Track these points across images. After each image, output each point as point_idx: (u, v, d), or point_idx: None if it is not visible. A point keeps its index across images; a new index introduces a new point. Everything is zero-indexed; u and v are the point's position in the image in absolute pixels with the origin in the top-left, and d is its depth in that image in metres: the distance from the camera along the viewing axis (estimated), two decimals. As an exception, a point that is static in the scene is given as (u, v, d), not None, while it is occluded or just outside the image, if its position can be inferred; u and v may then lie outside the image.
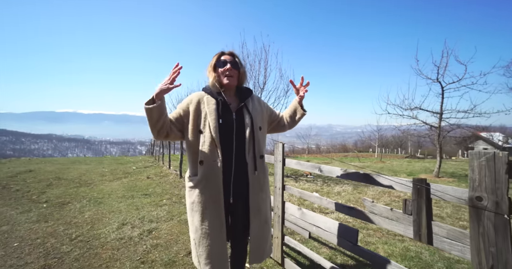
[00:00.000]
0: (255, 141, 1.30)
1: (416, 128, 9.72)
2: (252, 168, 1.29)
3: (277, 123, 1.56)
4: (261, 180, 1.35)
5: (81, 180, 6.45)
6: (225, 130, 1.25)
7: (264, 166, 1.39)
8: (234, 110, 1.31)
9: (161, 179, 6.51)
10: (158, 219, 3.31)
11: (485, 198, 0.95)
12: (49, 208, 3.79)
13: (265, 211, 1.39)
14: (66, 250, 2.39)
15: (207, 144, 1.22)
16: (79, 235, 2.74)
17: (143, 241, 2.61)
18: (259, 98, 1.52)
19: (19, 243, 2.51)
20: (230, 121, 1.27)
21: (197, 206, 1.26)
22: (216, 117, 1.24)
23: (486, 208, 0.94)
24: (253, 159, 1.30)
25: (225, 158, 1.24)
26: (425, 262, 2.28)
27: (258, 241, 1.35)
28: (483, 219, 0.94)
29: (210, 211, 1.24)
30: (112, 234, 2.79)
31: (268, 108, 1.54)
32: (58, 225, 3.05)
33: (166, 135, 1.25)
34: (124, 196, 4.65)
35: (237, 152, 1.27)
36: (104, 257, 2.27)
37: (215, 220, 1.24)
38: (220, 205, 1.25)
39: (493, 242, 0.91)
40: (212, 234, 1.24)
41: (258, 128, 1.34)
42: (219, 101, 1.28)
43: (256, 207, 1.32)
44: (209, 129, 1.22)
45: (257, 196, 1.33)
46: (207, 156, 1.22)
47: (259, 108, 1.42)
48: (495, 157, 0.93)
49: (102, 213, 3.55)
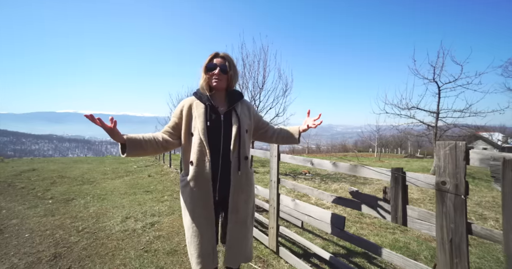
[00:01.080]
0: (240, 142, 1.34)
1: (414, 127, 9.87)
2: (236, 168, 1.32)
3: (264, 132, 1.59)
4: (243, 181, 1.36)
5: (84, 178, 6.59)
6: (213, 131, 1.30)
7: (247, 167, 1.41)
8: (222, 113, 1.36)
9: (162, 177, 6.65)
10: (160, 213, 3.46)
11: (448, 182, 1.09)
12: (55, 204, 3.93)
13: (245, 213, 1.39)
14: (74, 240, 2.53)
15: (196, 145, 1.28)
16: (85, 228, 2.88)
17: (146, 233, 2.75)
18: (250, 104, 1.56)
19: (30, 234, 2.66)
20: (218, 123, 1.33)
21: (188, 205, 1.30)
22: (204, 120, 1.29)
23: (448, 191, 1.08)
24: (237, 159, 1.33)
25: (213, 158, 1.29)
26: (412, 251, 2.42)
27: (232, 242, 1.35)
28: (446, 200, 1.09)
29: (199, 210, 1.28)
30: (116, 226, 2.93)
31: (257, 115, 1.57)
32: (65, 219, 3.19)
33: (165, 149, 1.36)
34: (127, 193, 4.79)
35: (223, 152, 1.31)
36: (110, 246, 2.41)
37: (205, 219, 1.28)
38: (209, 203, 1.29)
39: (452, 219, 1.05)
40: (201, 233, 1.27)
41: (245, 131, 1.38)
42: (207, 105, 1.34)
43: (235, 207, 1.34)
44: (198, 131, 1.28)
45: (237, 196, 1.34)
46: (196, 157, 1.27)
47: (247, 113, 1.47)
48: (456, 147, 1.07)
49: (106, 208, 3.69)
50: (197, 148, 1.28)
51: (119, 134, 1.17)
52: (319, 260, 2.16)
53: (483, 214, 3.82)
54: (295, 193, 4.83)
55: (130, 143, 1.21)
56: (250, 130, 1.47)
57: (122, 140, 1.19)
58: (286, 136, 1.58)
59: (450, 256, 1.07)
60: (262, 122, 1.59)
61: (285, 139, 1.59)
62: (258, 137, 1.61)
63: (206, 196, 1.28)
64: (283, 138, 1.58)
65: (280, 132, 1.59)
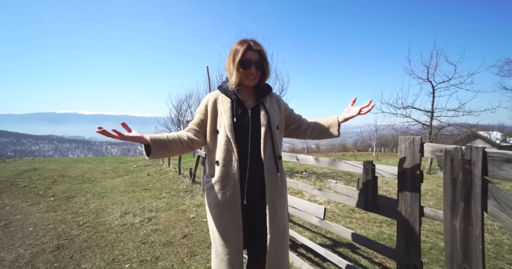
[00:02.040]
0: (273, 140, 1.22)
1: (409, 126, 10.02)
2: (273, 169, 1.21)
3: (296, 127, 1.44)
4: (279, 183, 1.24)
5: (84, 177, 6.73)
6: (240, 128, 1.19)
7: (283, 168, 1.28)
8: (249, 108, 1.24)
9: (161, 176, 6.80)
10: (157, 209, 3.60)
11: (407, 171, 1.23)
12: (56, 201, 4.08)
13: (283, 220, 1.25)
14: (76, 233, 2.68)
15: (222, 143, 1.18)
16: (86, 222, 3.03)
17: (144, 227, 2.90)
18: (279, 97, 1.42)
19: (34, 228, 2.81)
20: (245, 119, 1.21)
21: (213, 209, 1.20)
22: (231, 116, 1.18)
23: (407, 179, 1.23)
24: (273, 160, 1.22)
25: (241, 157, 1.18)
26: (395, 241, 2.57)
27: (275, 254, 1.18)
28: (405, 188, 1.23)
29: (226, 214, 1.17)
30: (115, 221, 3.08)
31: (287, 108, 1.42)
32: (66, 214, 3.34)
33: (191, 148, 1.25)
34: (126, 190, 4.94)
35: (252, 151, 1.19)
36: (109, 239, 2.56)
37: (232, 223, 1.16)
38: (237, 208, 1.17)
39: (409, 204, 1.20)
40: (229, 239, 1.16)
41: (276, 127, 1.25)
42: (233, 100, 1.23)
43: (274, 214, 1.19)
44: (224, 128, 1.18)
45: (275, 202, 1.21)
46: (223, 156, 1.17)
47: (277, 108, 1.34)
48: (414, 141, 1.22)
49: (106, 205, 3.84)
50: (223, 146, 1.18)
51: (139, 136, 1.08)
52: (305, 250, 2.31)
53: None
54: (290, 191, 4.97)
55: (155, 144, 1.11)
56: (281, 126, 1.34)
57: (146, 141, 1.10)
58: (322, 129, 1.40)
59: (406, 235, 1.22)
60: (293, 116, 1.44)
61: (322, 133, 1.41)
62: (289, 133, 1.47)
63: (233, 199, 1.16)
64: (319, 131, 1.41)
65: (315, 125, 1.42)
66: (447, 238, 1.02)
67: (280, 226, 1.21)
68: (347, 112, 1.35)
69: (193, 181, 5.55)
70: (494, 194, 0.91)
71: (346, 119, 1.34)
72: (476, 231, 0.93)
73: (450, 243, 1.01)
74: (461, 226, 0.97)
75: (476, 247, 0.93)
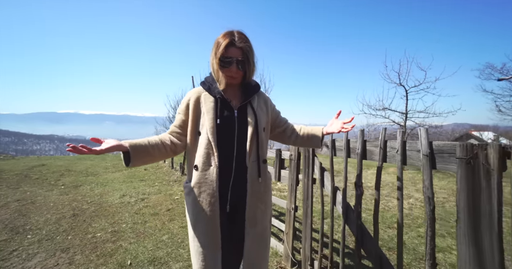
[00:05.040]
0: (258, 143, 1.14)
1: (387, 126, 10.85)
2: (255, 174, 1.13)
3: (281, 131, 1.35)
4: (261, 189, 1.17)
5: (88, 171, 7.58)
6: (224, 130, 1.10)
7: (266, 172, 1.22)
8: (236, 108, 1.15)
9: (156, 170, 7.65)
10: (149, 193, 4.45)
11: (293, 154, 2.06)
12: (67, 188, 4.92)
13: (263, 225, 1.19)
14: (86, 207, 3.53)
15: (202, 146, 1.09)
16: (93, 201, 3.88)
17: (137, 204, 3.74)
18: (267, 97, 1.33)
19: (54, 204, 3.66)
20: (231, 120, 1.12)
21: (191, 216, 1.13)
22: (214, 117, 1.09)
23: (291, 158, 2.06)
24: (256, 164, 1.14)
25: (224, 162, 1.09)
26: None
27: (252, 260, 1.12)
28: (292, 164, 2.06)
29: (202, 223, 1.09)
30: (115, 200, 3.92)
31: (275, 110, 1.34)
32: (77, 196, 4.19)
33: (175, 152, 1.16)
34: (125, 181, 5.78)
35: (238, 155, 1.11)
36: (111, 211, 3.40)
37: (209, 234, 1.08)
38: (214, 216, 1.08)
39: (293, 174, 2.03)
40: (205, 250, 1.08)
41: (262, 129, 1.17)
42: (218, 99, 1.13)
43: (253, 220, 1.14)
44: (206, 130, 1.09)
45: (255, 207, 1.14)
46: (201, 161, 1.09)
47: (265, 108, 1.25)
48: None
49: (108, 190, 4.68)
50: (203, 150, 1.09)
51: (115, 145, 0.95)
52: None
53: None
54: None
55: (135, 151, 1.01)
56: (267, 128, 1.26)
57: (124, 149, 0.99)
58: (307, 137, 1.33)
59: (292, 195, 2.06)
60: (280, 119, 1.36)
61: (306, 141, 1.34)
62: (274, 136, 1.37)
63: (211, 207, 1.08)
64: (303, 139, 1.34)
65: (300, 132, 1.35)
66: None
67: (258, 231, 1.15)
68: (330, 125, 1.29)
69: (182, 173, 6.40)
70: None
71: (328, 133, 1.29)
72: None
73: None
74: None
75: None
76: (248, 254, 1.11)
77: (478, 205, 0.83)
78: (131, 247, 2.32)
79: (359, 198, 1.40)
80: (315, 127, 1.35)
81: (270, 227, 1.25)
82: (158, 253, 2.22)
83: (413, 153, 1.11)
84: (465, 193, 0.87)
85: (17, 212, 3.27)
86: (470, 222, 0.86)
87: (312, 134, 1.32)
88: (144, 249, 2.28)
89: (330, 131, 1.25)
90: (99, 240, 2.49)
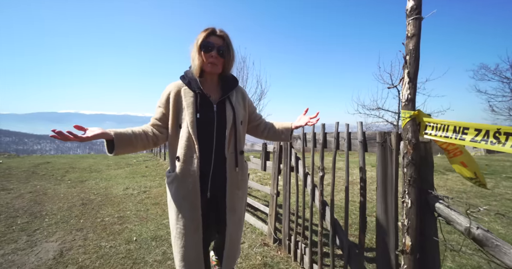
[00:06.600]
0: (236, 136, 1.22)
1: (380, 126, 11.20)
2: (233, 164, 1.22)
3: (256, 125, 1.46)
4: (239, 177, 1.26)
5: (91, 168, 7.93)
6: (204, 124, 1.16)
7: (243, 162, 1.31)
8: (215, 103, 1.21)
9: (157, 168, 7.99)
10: (151, 186, 4.80)
11: (276, 147, 2.40)
12: (73, 183, 5.27)
13: (240, 210, 1.31)
14: (93, 198, 3.88)
15: (184, 139, 1.15)
16: (99, 193, 4.23)
17: (140, 196, 4.08)
18: (245, 92, 1.40)
19: (64, 195, 4.02)
20: (210, 114, 1.18)
21: (172, 203, 1.19)
22: (194, 111, 1.15)
23: (274, 151, 2.40)
24: (234, 155, 1.23)
25: (204, 153, 1.16)
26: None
27: (232, 243, 1.28)
28: (274, 155, 2.40)
29: (184, 210, 1.16)
30: (119, 192, 4.27)
31: (251, 105, 1.43)
32: (83, 189, 4.54)
33: (155, 144, 1.20)
34: (127, 177, 6.13)
35: (217, 147, 1.18)
36: (116, 201, 3.75)
37: (190, 220, 1.16)
38: (196, 204, 1.16)
39: (276, 162, 2.37)
40: (186, 235, 1.16)
41: (240, 123, 1.25)
42: (197, 93, 1.18)
43: (232, 206, 1.25)
44: (186, 123, 1.14)
45: (234, 195, 1.25)
46: (183, 152, 1.15)
47: (242, 103, 1.32)
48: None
49: (112, 184, 5.03)
50: (184, 142, 1.15)
51: (101, 133, 0.98)
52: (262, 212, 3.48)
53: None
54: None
55: (119, 140, 1.04)
56: (245, 122, 1.34)
57: (109, 137, 1.02)
58: (277, 131, 1.45)
59: (275, 182, 2.41)
60: (255, 115, 1.46)
61: (276, 135, 1.46)
62: (248, 130, 1.46)
63: (193, 196, 1.16)
64: (274, 134, 1.46)
65: (271, 127, 1.46)
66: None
67: (236, 217, 1.28)
68: (299, 120, 1.40)
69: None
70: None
71: (297, 127, 1.40)
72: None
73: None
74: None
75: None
76: (230, 236, 1.26)
77: (386, 173, 1.18)
78: (136, 228, 2.67)
79: (321, 179, 1.74)
80: (285, 122, 1.48)
81: (245, 209, 1.40)
82: (159, 232, 2.57)
83: (355, 141, 1.45)
84: (381, 166, 1.22)
85: (32, 201, 3.63)
86: (383, 185, 1.21)
87: (283, 128, 1.44)
88: (147, 229, 2.63)
89: (298, 125, 1.39)
90: (108, 223, 2.84)
